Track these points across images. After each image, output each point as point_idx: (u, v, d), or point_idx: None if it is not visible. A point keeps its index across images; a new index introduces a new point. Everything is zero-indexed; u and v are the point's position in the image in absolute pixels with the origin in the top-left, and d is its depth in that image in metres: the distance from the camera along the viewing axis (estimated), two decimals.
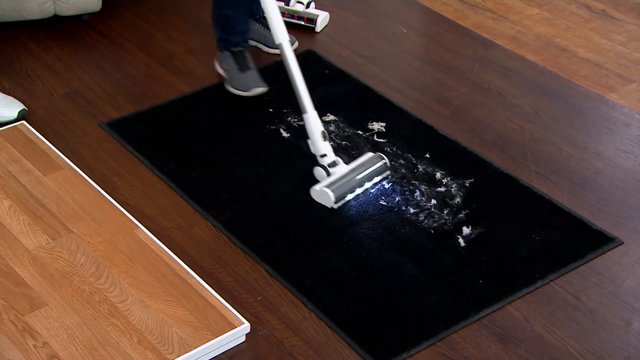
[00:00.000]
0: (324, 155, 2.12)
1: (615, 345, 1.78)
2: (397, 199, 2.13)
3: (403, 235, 2.03)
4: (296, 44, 2.69)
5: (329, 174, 2.11)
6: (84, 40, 2.74)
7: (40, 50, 2.69)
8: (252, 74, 2.44)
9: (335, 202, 2.06)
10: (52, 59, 2.66)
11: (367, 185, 2.12)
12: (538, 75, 2.62)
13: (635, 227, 2.07)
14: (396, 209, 2.10)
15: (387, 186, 2.15)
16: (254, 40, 2.67)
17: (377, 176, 2.14)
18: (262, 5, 2.17)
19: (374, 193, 2.14)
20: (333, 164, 2.11)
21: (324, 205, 2.10)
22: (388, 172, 2.15)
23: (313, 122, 2.13)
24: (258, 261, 1.96)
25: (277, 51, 2.58)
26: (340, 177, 2.09)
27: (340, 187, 2.08)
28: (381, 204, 2.12)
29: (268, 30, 2.60)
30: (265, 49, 2.65)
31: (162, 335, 1.74)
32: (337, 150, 2.29)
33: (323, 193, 2.06)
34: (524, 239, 2.02)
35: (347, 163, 2.14)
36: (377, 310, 1.85)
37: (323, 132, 2.12)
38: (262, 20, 2.64)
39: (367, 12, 2.93)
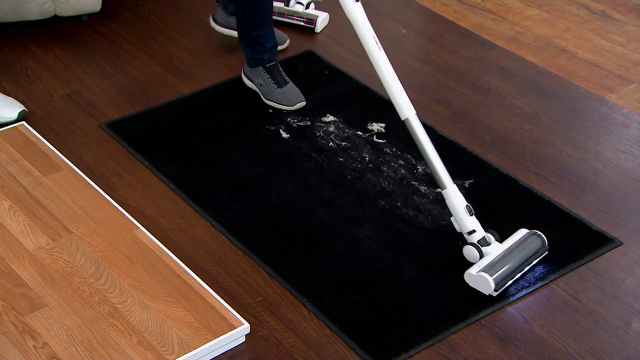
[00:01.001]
0: (472, 232, 1.91)
1: (614, 346, 1.78)
2: (396, 199, 2.13)
3: (403, 236, 2.03)
4: (287, 41, 2.68)
5: (481, 255, 1.89)
6: (83, 41, 2.75)
7: (40, 51, 2.69)
8: (292, 88, 2.43)
9: (496, 290, 1.85)
10: (52, 59, 2.66)
11: (527, 269, 1.91)
12: (538, 76, 2.62)
13: (635, 228, 2.07)
14: (396, 210, 2.10)
15: (387, 187, 2.15)
16: (231, 28, 2.67)
17: (535, 258, 1.93)
18: (382, 80, 1.99)
19: (374, 195, 2.14)
20: (484, 242, 1.90)
21: (325, 206, 2.10)
22: (547, 252, 1.95)
23: (454, 197, 1.92)
24: (258, 262, 1.96)
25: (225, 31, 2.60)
26: (497, 260, 1.88)
27: (500, 273, 1.85)
28: (381, 204, 2.12)
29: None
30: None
31: (162, 336, 1.74)
32: (337, 152, 2.29)
33: (481, 279, 1.85)
34: None
35: (498, 240, 1.93)
36: (377, 311, 1.85)
37: (467, 206, 1.91)
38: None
39: (367, 13, 2.91)
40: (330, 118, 2.42)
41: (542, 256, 1.94)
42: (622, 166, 2.27)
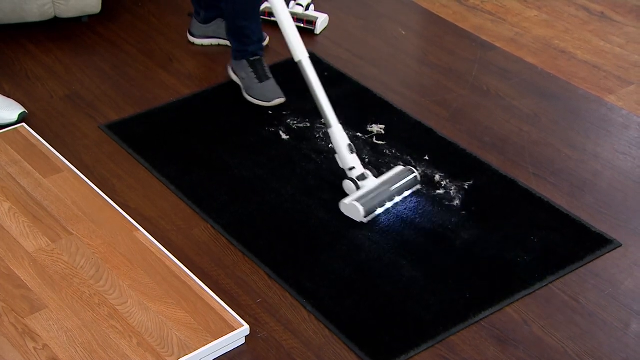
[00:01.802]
0: (352, 168, 2.08)
1: (613, 348, 1.78)
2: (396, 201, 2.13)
3: (402, 237, 2.03)
4: (267, 39, 2.69)
5: (358, 188, 2.07)
6: (83, 42, 2.75)
7: (40, 52, 2.69)
8: (271, 84, 2.44)
9: (365, 216, 2.02)
10: (52, 61, 2.66)
11: (397, 199, 2.08)
12: (537, 77, 2.63)
13: (634, 229, 2.07)
14: (395, 211, 2.10)
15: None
16: (219, 37, 2.68)
17: (407, 190, 2.10)
18: (278, 21, 2.13)
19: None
20: (362, 177, 2.07)
21: (325, 207, 2.10)
22: (418, 186, 2.12)
23: (339, 135, 2.10)
24: (258, 263, 1.96)
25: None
26: (370, 191, 2.05)
27: (370, 201, 2.03)
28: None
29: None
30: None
31: (162, 338, 1.74)
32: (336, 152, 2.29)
33: (352, 207, 2.02)
34: (523, 241, 2.02)
35: (376, 176, 2.10)
36: (377, 313, 1.85)
37: (349, 145, 2.09)
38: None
39: (367, 15, 2.93)
40: None
41: (413, 189, 2.12)
42: (621, 167, 2.27)
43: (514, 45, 2.78)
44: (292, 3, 2.82)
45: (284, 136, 2.35)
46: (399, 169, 2.13)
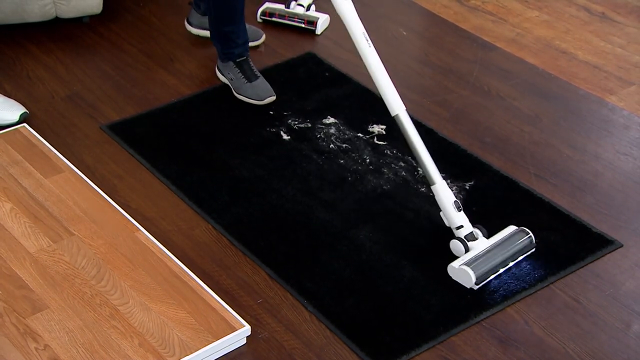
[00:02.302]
0: (460, 227, 1.94)
1: (614, 348, 1.78)
2: (397, 201, 2.13)
3: (403, 238, 2.03)
4: (263, 37, 2.70)
5: (467, 249, 1.92)
6: (84, 42, 2.75)
7: (41, 52, 2.69)
8: (262, 83, 2.44)
9: (477, 284, 1.87)
10: (53, 61, 2.66)
11: (511, 264, 1.93)
12: (538, 77, 2.63)
13: (635, 230, 2.07)
14: (396, 212, 2.10)
15: (388, 189, 2.15)
16: (205, 28, 2.69)
17: (521, 254, 1.95)
18: (372, 76, 2.01)
19: (375, 197, 2.15)
20: (471, 237, 1.93)
21: (326, 207, 2.10)
22: (533, 250, 1.96)
23: (443, 193, 1.96)
24: (259, 264, 1.96)
25: (200, 32, 2.67)
26: (482, 255, 1.91)
27: (482, 266, 1.88)
28: (381, 206, 2.12)
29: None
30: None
31: (163, 338, 1.74)
32: (337, 153, 2.29)
33: (463, 272, 1.87)
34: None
35: (486, 236, 1.96)
36: (378, 313, 1.85)
37: (456, 202, 1.94)
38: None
39: (367, 15, 2.93)
40: (331, 120, 2.42)
41: (528, 253, 1.96)
42: (622, 168, 2.27)
43: (514, 45, 2.78)
44: (292, 3, 2.83)
45: (285, 136, 2.35)
46: (511, 229, 1.97)
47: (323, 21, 2.82)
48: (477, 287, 1.88)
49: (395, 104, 2.01)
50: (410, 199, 2.14)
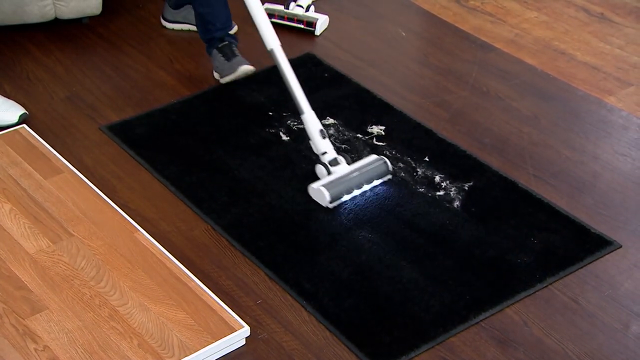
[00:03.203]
0: (324, 153, 2.14)
1: (613, 349, 1.78)
2: (396, 201, 2.13)
3: (402, 238, 2.03)
4: (235, 27, 2.72)
5: (329, 172, 2.12)
6: (84, 43, 2.75)
7: (40, 53, 2.69)
8: (238, 58, 2.50)
9: (331, 202, 2.06)
10: (53, 62, 2.66)
11: (366, 187, 2.12)
12: (536, 78, 2.63)
13: (634, 231, 2.07)
14: (395, 213, 2.10)
15: (386, 189, 2.15)
16: (189, 23, 2.75)
17: (377, 179, 2.14)
18: (249, 10, 2.18)
19: (372, 196, 2.14)
20: (335, 162, 2.12)
21: (323, 207, 2.10)
22: (389, 176, 2.16)
23: (311, 122, 2.15)
24: (258, 264, 1.96)
25: (176, 26, 2.72)
26: (340, 177, 2.10)
27: (338, 187, 2.08)
28: (380, 207, 2.12)
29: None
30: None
31: (163, 339, 1.74)
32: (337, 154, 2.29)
33: (319, 192, 2.07)
34: (523, 243, 2.02)
35: (349, 163, 2.15)
36: (377, 314, 1.85)
37: (322, 130, 2.14)
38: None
39: (367, 16, 2.93)
40: (330, 121, 2.42)
41: (384, 179, 2.15)
42: (621, 169, 2.27)
43: (513, 46, 2.78)
44: (292, 4, 2.82)
45: (284, 137, 2.35)
46: (372, 157, 2.17)
47: (322, 22, 2.82)
48: (332, 205, 2.07)
49: (271, 39, 2.20)
50: (409, 199, 2.14)
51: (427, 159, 2.28)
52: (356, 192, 2.11)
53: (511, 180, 2.21)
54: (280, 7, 2.83)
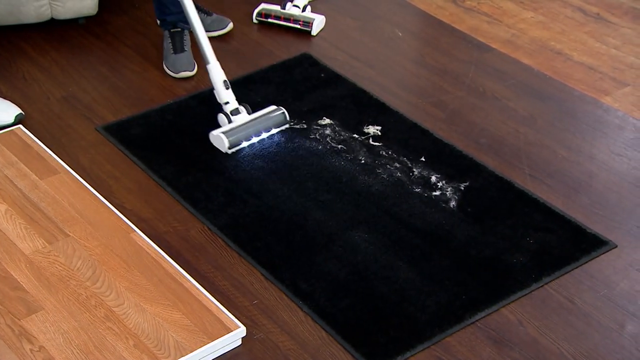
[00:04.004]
0: (227, 103, 2.28)
1: (609, 349, 1.79)
2: (392, 202, 2.14)
3: (398, 238, 2.03)
4: (230, 25, 2.76)
5: (230, 121, 2.26)
6: (80, 43, 2.75)
7: (36, 54, 2.70)
8: (184, 57, 2.55)
9: (230, 148, 2.21)
10: (49, 62, 2.66)
11: (264, 135, 2.28)
12: (533, 78, 2.63)
13: (629, 231, 2.08)
14: (391, 213, 2.10)
15: (383, 190, 2.16)
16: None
17: (275, 128, 2.30)
18: None
19: (370, 198, 2.15)
20: (236, 112, 2.27)
21: (321, 208, 2.11)
22: (287, 125, 2.31)
23: (215, 72, 2.28)
24: (254, 265, 1.97)
25: (213, 34, 2.72)
26: (239, 125, 2.25)
27: (237, 135, 2.23)
28: (376, 207, 2.12)
29: (204, 14, 2.72)
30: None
31: (158, 339, 1.74)
32: (333, 154, 2.30)
33: (218, 138, 2.21)
34: (519, 243, 2.03)
35: (250, 113, 2.30)
36: (373, 314, 1.85)
37: (225, 81, 2.28)
38: (196, 4, 2.70)
39: (363, 16, 2.94)
40: (327, 121, 2.42)
41: (282, 127, 2.31)
42: (617, 169, 2.28)
43: (510, 46, 2.79)
44: (288, 4, 2.83)
45: (280, 137, 2.36)
46: (271, 107, 2.32)
47: (319, 22, 2.82)
48: (230, 151, 2.21)
49: None
50: (405, 199, 2.14)
51: (423, 159, 2.28)
52: (254, 140, 2.27)
53: (507, 180, 2.22)
54: (277, 8, 2.84)
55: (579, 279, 1.95)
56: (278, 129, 2.30)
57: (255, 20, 2.85)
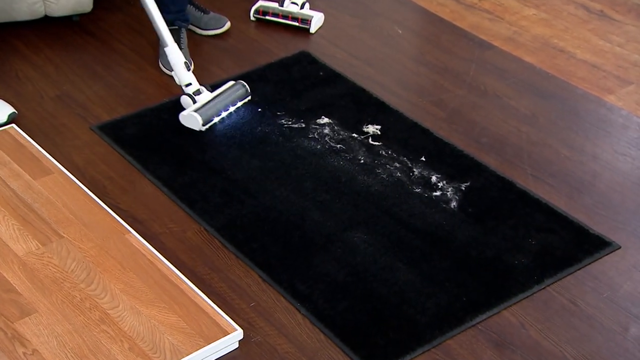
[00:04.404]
0: (188, 85, 2.36)
1: (612, 352, 1.79)
2: (392, 202, 2.13)
3: (398, 239, 2.03)
4: (228, 24, 2.76)
5: (194, 102, 2.34)
6: (74, 41, 2.75)
7: (30, 51, 2.69)
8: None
9: (203, 125, 2.31)
10: (43, 60, 2.66)
11: (232, 109, 2.38)
12: (535, 76, 2.63)
13: (633, 231, 2.08)
14: (391, 213, 2.10)
15: (383, 190, 2.16)
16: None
17: (239, 100, 2.41)
18: None
19: (369, 198, 2.15)
20: (198, 92, 2.36)
21: (319, 209, 2.11)
22: (249, 97, 2.42)
23: (174, 55, 2.36)
24: (251, 266, 1.97)
25: (210, 32, 2.75)
26: (206, 103, 2.34)
27: (207, 111, 2.32)
28: (376, 207, 2.12)
29: (201, 12, 2.75)
30: (199, 31, 2.75)
31: (154, 342, 1.74)
32: (332, 154, 2.30)
33: (191, 117, 2.30)
34: (521, 244, 2.03)
35: (210, 91, 2.38)
36: (372, 316, 1.85)
37: (185, 62, 2.36)
38: (194, 2, 2.76)
39: (362, 13, 2.93)
40: (325, 120, 2.42)
41: (245, 100, 2.42)
42: (621, 168, 2.28)
43: (511, 44, 2.79)
44: (286, 2, 2.83)
45: (277, 137, 2.36)
46: (230, 83, 2.42)
47: (317, 19, 2.82)
48: (204, 128, 2.31)
49: None
50: (405, 199, 2.14)
51: (423, 158, 2.28)
52: (224, 114, 2.36)
53: (509, 180, 2.22)
54: (275, 5, 2.83)
55: (582, 280, 1.95)
56: (242, 102, 2.41)
57: (252, 18, 2.85)
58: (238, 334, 1.77)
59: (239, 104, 2.41)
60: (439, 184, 2.20)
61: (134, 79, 2.59)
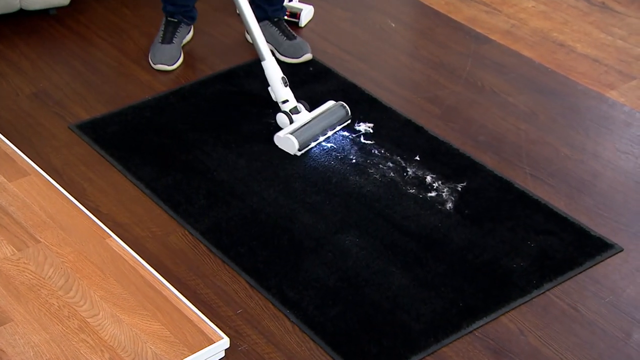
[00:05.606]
0: (285, 101, 2.30)
1: (614, 358, 1.80)
2: (385, 203, 2.14)
3: (391, 243, 2.04)
4: (307, 55, 2.63)
5: (291, 121, 2.28)
6: (51, 36, 2.75)
7: (4, 47, 2.69)
8: (168, 49, 2.58)
9: (299, 150, 2.24)
10: (18, 56, 2.66)
11: (330, 133, 2.31)
12: (534, 72, 2.65)
13: (636, 233, 2.09)
14: (384, 215, 2.11)
15: (375, 191, 2.17)
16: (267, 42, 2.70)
17: (339, 124, 2.33)
18: None
19: (361, 199, 2.16)
20: (295, 110, 2.30)
21: (309, 211, 2.11)
22: (349, 121, 2.35)
23: (272, 69, 2.31)
24: (238, 272, 1.97)
25: (290, 60, 2.62)
26: (304, 125, 2.27)
27: (304, 135, 2.25)
28: (368, 209, 2.13)
29: (284, 37, 2.62)
30: (277, 55, 2.62)
31: (136, 352, 1.74)
32: (322, 153, 2.30)
33: (287, 140, 2.24)
34: (519, 246, 2.04)
35: (308, 110, 2.32)
36: (364, 323, 1.86)
37: (283, 77, 2.30)
38: (278, 24, 2.64)
39: (354, 6, 2.94)
40: None
41: (344, 123, 2.35)
42: (623, 167, 2.29)
43: (509, 37, 2.80)
44: None
45: (266, 136, 2.36)
46: (330, 103, 2.35)
47: (307, 12, 2.83)
48: (300, 152, 2.24)
49: None
50: (399, 201, 2.15)
51: (417, 158, 2.29)
52: (321, 139, 2.29)
53: (507, 180, 2.23)
54: None
55: (583, 284, 1.96)
56: (342, 125, 2.33)
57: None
58: (224, 342, 1.78)
59: (338, 128, 2.32)
60: (434, 184, 2.21)
61: (114, 76, 2.59)
